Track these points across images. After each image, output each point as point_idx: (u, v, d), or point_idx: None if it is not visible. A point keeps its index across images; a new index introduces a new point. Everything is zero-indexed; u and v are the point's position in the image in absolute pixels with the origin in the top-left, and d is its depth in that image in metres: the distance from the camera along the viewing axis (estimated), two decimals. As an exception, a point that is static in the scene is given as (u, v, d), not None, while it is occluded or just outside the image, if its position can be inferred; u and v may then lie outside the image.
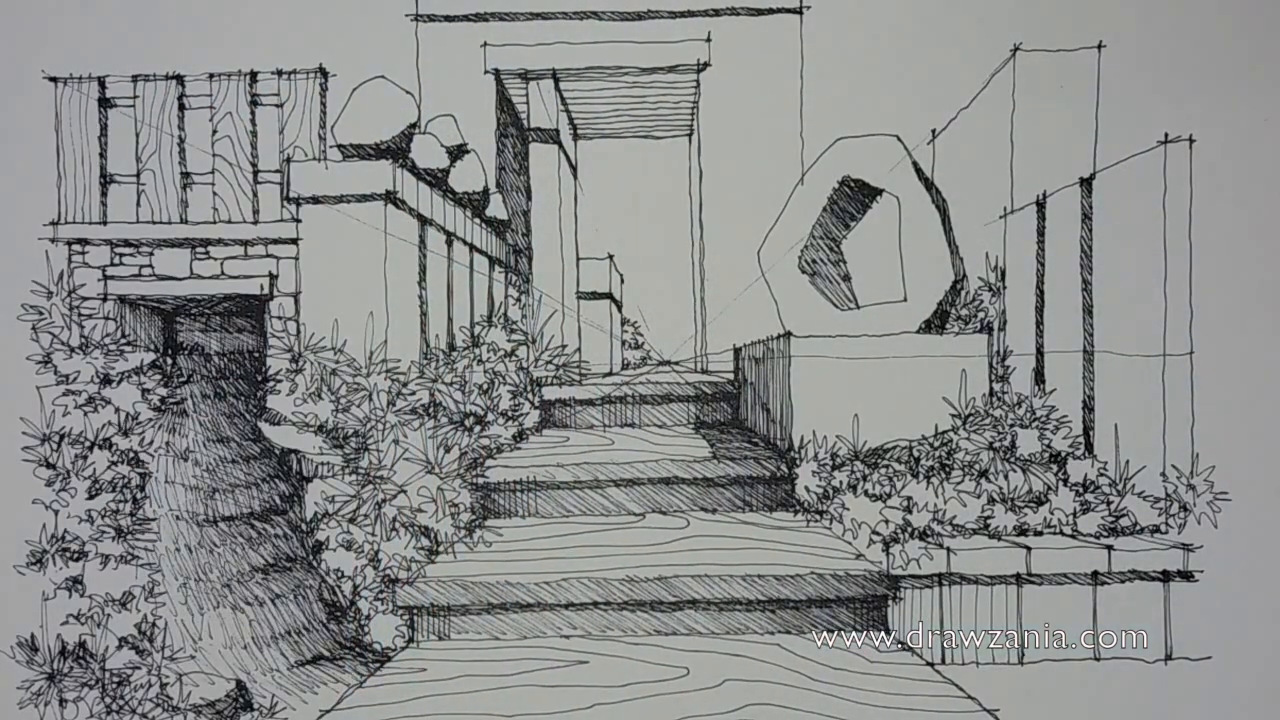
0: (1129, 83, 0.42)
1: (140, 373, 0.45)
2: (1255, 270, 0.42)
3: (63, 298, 0.43)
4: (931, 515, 0.45)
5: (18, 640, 0.45)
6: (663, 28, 0.43)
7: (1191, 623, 0.45)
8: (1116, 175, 0.43)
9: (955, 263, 0.42)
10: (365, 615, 0.45)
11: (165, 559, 0.45)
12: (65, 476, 0.45)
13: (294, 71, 0.42)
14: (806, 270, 0.41)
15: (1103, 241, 0.42)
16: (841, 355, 0.42)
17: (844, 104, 0.40)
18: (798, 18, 0.42)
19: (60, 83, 0.42)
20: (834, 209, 0.43)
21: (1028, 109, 0.41)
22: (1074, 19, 0.42)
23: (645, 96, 0.46)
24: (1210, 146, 0.44)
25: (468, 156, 0.47)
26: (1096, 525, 0.45)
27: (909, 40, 0.40)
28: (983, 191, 0.41)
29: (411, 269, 0.42)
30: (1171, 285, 0.43)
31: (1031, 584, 0.46)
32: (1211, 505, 0.43)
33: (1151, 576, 0.46)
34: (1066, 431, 0.43)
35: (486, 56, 0.44)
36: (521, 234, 0.44)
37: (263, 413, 0.44)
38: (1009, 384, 0.42)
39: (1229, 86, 0.42)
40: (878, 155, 0.42)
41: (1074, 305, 0.42)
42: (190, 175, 0.41)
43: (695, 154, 0.48)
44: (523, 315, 0.43)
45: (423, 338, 0.41)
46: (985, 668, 0.45)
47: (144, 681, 0.46)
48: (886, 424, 0.41)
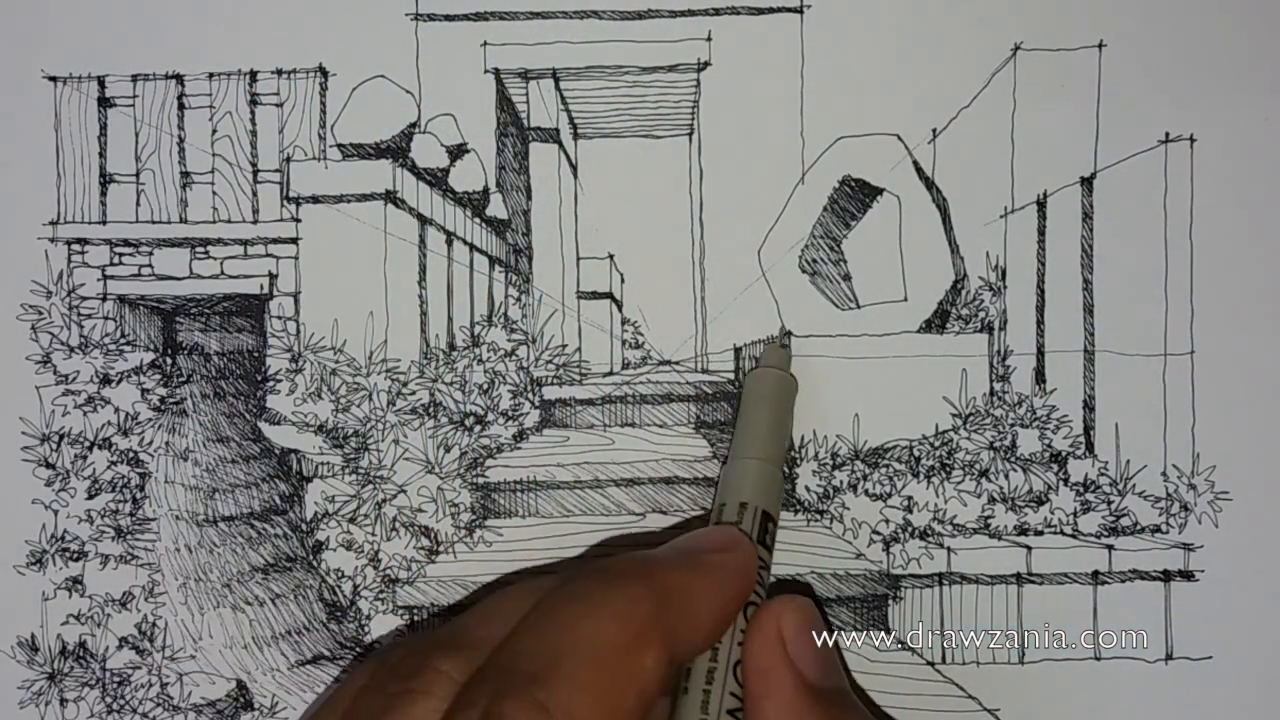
0: (1129, 82, 0.42)
1: (140, 373, 0.45)
2: (1256, 269, 0.42)
3: (62, 297, 0.43)
4: (932, 515, 0.45)
5: (18, 640, 0.45)
6: (663, 27, 0.43)
7: (1192, 622, 0.44)
8: (1117, 175, 0.43)
9: (956, 262, 0.42)
10: (365, 615, 0.45)
11: (165, 559, 0.45)
12: (65, 476, 0.45)
13: (294, 71, 0.42)
14: (807, 270, 0.41)
15: (1103, 241, 0.42)
16: (842, 355, 0.42)
17: (844, 104, 0.40)
18: (798, 17, 0.42)
19: (60, 82, 0.42)
20: (834, 208, 0.43)
21: (1028, 108, 0.41)
22: (1074, 18, 0.42)
23: (645, 96, 0.46)
24: (1211, 146, 0.43)
25: (468, 156, 0.47)
26: (1097, 525, 0.45)
27: (909, 40, 0.40)
28: (983, 191, 0.41)
29: (411, 269, 0.42)
30: (1172, 284, 0.43)
31: (1032, 584, 0.46)
32: (1212, 505, 0.43)
33: (1152, 576, 0.45)
34: (1067, 431, 0.43)
35: (486, 56, 0.44)
36: (521, 233, 0.44)
37: (263, 413, 0.44)
38: (1009, 383, 0.42)
39: (1230, 86, 0.42)
40: (878, 155, 0.42)
41: (1074, 304, 0.42)
42: (190, 175, 0.41)
43: (695, 154, 0.47)
44: (523, 315, 0.42)
45: (423, 337, 0.41)
46: (985, 667, 0.45)
47: (144, 681, 0.46)
48: (887, 423, 0.41)
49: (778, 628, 0.32)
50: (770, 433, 0.39)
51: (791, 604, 0.33)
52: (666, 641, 0.28)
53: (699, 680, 0.31)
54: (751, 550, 0.34)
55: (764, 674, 0.31)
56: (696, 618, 0.29)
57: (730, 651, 0.31)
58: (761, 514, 0.36)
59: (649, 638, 0.27)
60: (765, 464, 0.37)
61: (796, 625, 0.32)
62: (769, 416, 0.39)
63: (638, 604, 0.28)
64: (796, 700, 0.30)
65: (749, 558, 0.33)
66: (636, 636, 0.27)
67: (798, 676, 0.31)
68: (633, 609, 0.27)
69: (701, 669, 0.31)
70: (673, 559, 0.31)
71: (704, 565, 0.31)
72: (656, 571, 0.29)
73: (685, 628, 0.29)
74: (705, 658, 0.31)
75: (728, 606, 0.31)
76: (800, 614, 0.32)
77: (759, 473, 0.37)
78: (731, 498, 0.36)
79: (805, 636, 0.32)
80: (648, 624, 0.27)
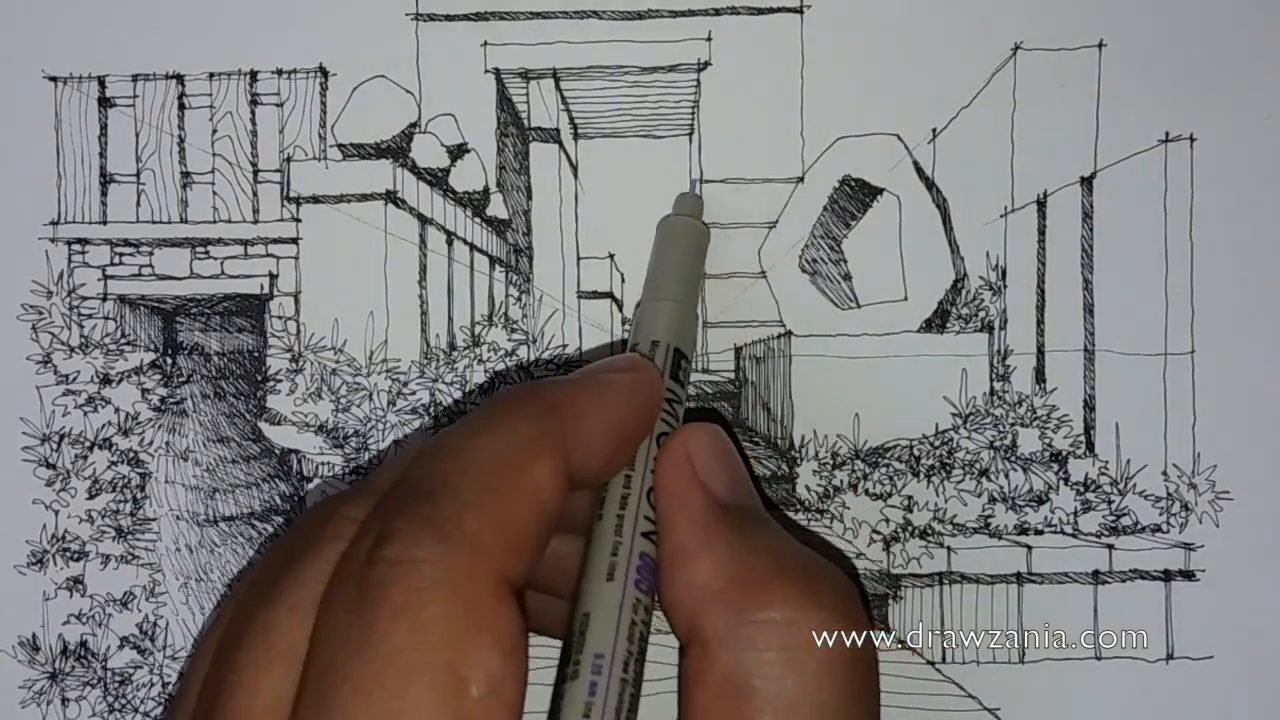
0: (1129, 82, 0.42)
1: (140, 373, 0.45)
2: (1257, 269, 0.42)
3: (63, 297, 0.43)
4: (932, 514, 0.45)
5: (19, 640, 0.45)
6: (663, 27, 0.43)
7: (1193, 622, 0.44)
8: (1117, 174, 0.43)
9: (956, 262, 0.42)
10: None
11: (166, 559, 0.45)
12: (65, 476, 0.45)
13: (294, 71, 0.42)
14: (807, 270, 0.41)
15: (1103, 240, 0.42)
16: (842, 354, 0.42)
17: (844, 104, 0.40)
18: (798, 17, 0.42)
19: (60, 82, 0.42)
20: (834, 208, 0.43)
21: (1028, 108, 0.41)
22: (1074, 18, 0.42)
23: (645, 96, 0.46)
24: (1211, 146, 0.43)
25: (468, 156, 0.47)
26: (1097, 524, 0.45)
27: (909, 40, 0.40)
28: (983, 190, 0.41)
29: (412, 269, 0.42)
30: (1172, 284, 0.43)
31: (1032, 583, 0.46)
32: (1213, 504, 0.43)
33: (1153, 576, 0.45)
34: (1067, 430, 0.43)
35: (487, 56, 0.44)
36: (522, 233, 0.44)
37: (263, 413, 0.44)
38: (1010, 383, 0.42)
39: (1230, 86, 0.42)
40: (878, 154, 0.42)
41: (1074, 304, 0.42)
42: (190, 175, 0.41)
43: (695, 154, 0.47)
44: (523, 315, 0.43)
45: (423, 337, 0.41)
46: (985, 667, 0.45)
47: (146, 681, 0.46)
48: (887, 423, 0.41)
49: (685, 451, 0.32)
50: (681, 276, 0.39)
51: (700, 429, 0.33)
52: (560, 456, 0.28)
53: (613, 506, 0.31)
54: (653, 372, 0.34)
55: (673, 494, 0.31)
56: (591, 433, 0.29)
57: (644, 479, 0.32)
58: (674, 351, 0.36)
59: (539, 450, 0.27)
60: (677, 304, 0.38)
61: (704, 447, 0.32)
62: (680, 261, 0.40)
63: (527, 421, 0.28)
64: (705, 516, 0.30)
65: (650, 378, 0.33)
66: (525, 450, 0.27)
67: (707, 495, 0.31)
68: (521, 425, 0.27)
69: (615, 495, 0.31)
70: (568, 379, 0.31)
71: (599, 383, 0.31)
72: (548, 391, 0.29)
73: (580, 442, 0.29)
74: (619, 484, 0.32)
75: (626, 422, 0.31)
76: (708, 438, 0.33)
77: (670, 312, 0.37)
78: (644, 337, 0.37)
79: (714, 458, 0.32)
80: (538, 438, 0.27)
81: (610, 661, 0.29)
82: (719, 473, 0.32)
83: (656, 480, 0.32)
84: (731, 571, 0.30)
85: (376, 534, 0.25)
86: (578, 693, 0.28)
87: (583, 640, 0.29)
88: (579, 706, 0.28)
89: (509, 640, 0.24)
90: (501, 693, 0.24)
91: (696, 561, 0.30)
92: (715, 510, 0.31)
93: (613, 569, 0.30)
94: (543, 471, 0.27)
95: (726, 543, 0.30)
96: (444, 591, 0.24)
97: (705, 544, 0.30)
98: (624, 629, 0.29)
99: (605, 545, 0.31)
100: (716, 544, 0.30)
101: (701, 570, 0.30)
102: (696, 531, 0.31)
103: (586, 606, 0.30)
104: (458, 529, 0.25)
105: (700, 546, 0.30)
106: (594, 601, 0.30)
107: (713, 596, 0.29)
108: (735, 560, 0.30)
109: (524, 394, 0.30)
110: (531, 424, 0.28)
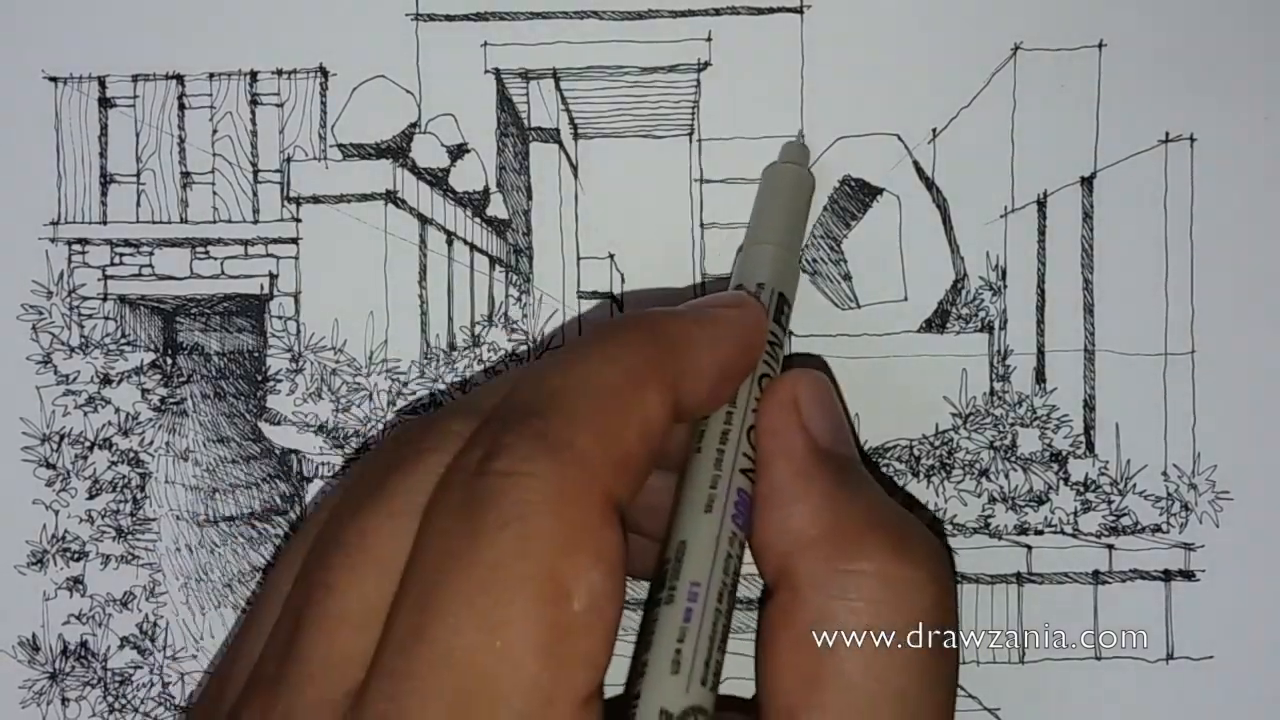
0: (1129, 82, 0.41)
1: (140, 373, 0.45)
2: (1257, 269, 0.42)
3: (63, 298, 0.43)
4: (932, 514, 0.45)
5: (19, 640, 0.45)
6: (663, 27, 0.43)
7: (1193, 622, 0.44)
8: (1117, 174, 0.43)
9: (956, 262, 0.42)
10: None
11: (166, 559, 0.45)
12: (65, 477, 0.45)
13: (294, 71, 0.42)
14: (807, 270, 0.41)
15: (1103, 240, 0.42)
16: (842, 354, 0.42)
17: (844, 104, 0.40)
18: (798, 17, 0.42)
19: (60, 83, 0.42)
20: (834, 208, 0.42)
21: (1028, 108, 0.41)
22: (1074, 18, 0.42)
23: (645, 96, 0.46)
24: (1211, 146, 0.43)
25: (468, 156, 0.47)
26: (1097, 524, 0.45)
27: (909, 40, 0.40)
28: (983, 190, 0.41)
29: (412, 269, 0.41)
30: (1172, 284, 0.43)
31: (1032, 583, 0.45)
32: (1213, 504, 0.43)
33: (1153, 576, 0.45)
34: (1067, 430, 0.43)
35: (487, 56, 0.44)
36: (522, 233, 0.44)
37: (263, 413, 0.44)
38: (1010, 383, 0.42)
39: (1229, 86, 0.42)
40: (878, 155, 0.42)
41: (1075, 304, 0.42)
42: (190, 175, 0.41)
43: (695, 154, 0.47)
44: (523, 315, 0.42)
45: (423, 337, 0.41)
46: (985, 667, 0.45)
47: (146, 681, 0.46)
48: (887, 423, 0.41)
49: (793, 393, 0.32)
50: (785, 222, 0.39)
51: (808, 374, 0.33)
52: (668, 385, 0.28)
53: (713, 441, 0.31)
54: (760, 310, 0.34)
55: (775, 434, 0.31)
56: (700, 364, 0.29)
57: (745, 417, 0.32)
58: (778, 295, 0.36)
59: (649, 378, 0.27)
60: (780, 249, 0.38)
61: (811, 393, 0.32)
62: (785, 207, 0.40)
63: (637, 348, 0.28)
64: (807, 459, 0.31)
65: (757, 316, 0.33)
66: (635, 376, 0.27)
67: (809, 439, 0.31)
68: (632, 352, 0.28)
69: (716, 430, 0.31)
70: (676, 310, 0.31)
71: (709, 317, 0.31)
72: (658, 321, 0.30)
73: (689, 373, 0.29)
74: (720, 420, 0.31)
75: (732, 357, 0.31)
76: (816, 384, 0.33)
77: (774, 256, 0.37)
78: (748, 279, 0.37)
79: (820, 404, 0.32)
80: (648, 365, 0.27)
81: (706, 590, 0.28)
82: (822, 419, 0.32)
83: (759, 419, 0.32)
84: (828, 519, 0.30)
85: (487, 446, 0.25)
86: (673, 617, 0.28)
87: (679, 567, 0.29)
88: (674, 631, 0.28)
89: (612, 560, 0.24)
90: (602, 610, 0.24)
91: (794, 505, 0.30)
92: (817, 456, 0.31)
93: (711, 501, 0.30)
94: (652, 398, 0.27)
95: (824, 490, 0.30)
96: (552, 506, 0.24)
97: (804, 488, 0.30)
98: (720, 560, 0.29)
99: (704, 478, 0.31)
100: (815, 490, 0.30)
101: (798, 514, 0.30)
102: (796, 474, 0.31)
103: (683, 535, 0.30)
104: (569, 446, 0.25)
105: (799, 490, 0.30)
106: (691, 531, 0.30)
107: (810, 541, 0.29)
108: (832, 508, 0.30)
109: (635, 322, 0.30)
110: (642, 351, 0.28)
